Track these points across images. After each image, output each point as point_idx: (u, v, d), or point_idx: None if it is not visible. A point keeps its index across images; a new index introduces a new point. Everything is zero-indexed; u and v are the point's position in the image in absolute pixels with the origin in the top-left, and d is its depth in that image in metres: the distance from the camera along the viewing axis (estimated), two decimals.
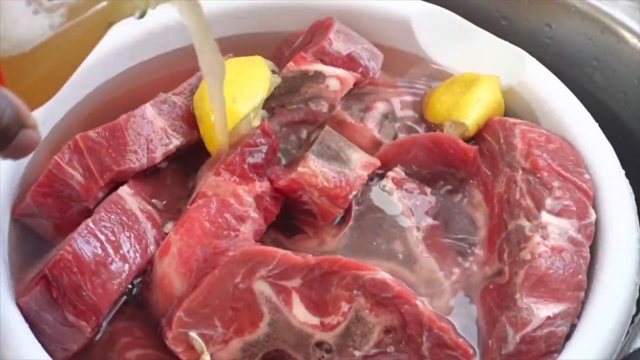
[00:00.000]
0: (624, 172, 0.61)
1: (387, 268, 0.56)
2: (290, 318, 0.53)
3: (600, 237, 0.57)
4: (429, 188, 0.62)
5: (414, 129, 0.67)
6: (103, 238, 0.55)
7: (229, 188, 0.58)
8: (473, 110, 0.64)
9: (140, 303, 0.57)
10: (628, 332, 0.54)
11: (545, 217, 0.56)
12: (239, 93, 0.61)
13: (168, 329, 0.53)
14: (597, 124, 0.64)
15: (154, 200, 0.60)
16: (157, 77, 0.71)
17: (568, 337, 0.53)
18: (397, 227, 0.59)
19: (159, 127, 0.61)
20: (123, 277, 0.55)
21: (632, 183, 0.61)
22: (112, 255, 0.55)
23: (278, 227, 0.60)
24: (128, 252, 0.56)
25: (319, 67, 0.66)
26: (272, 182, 0.59)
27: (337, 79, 0.65)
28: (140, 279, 0.57)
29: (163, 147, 0.61)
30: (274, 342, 0.54)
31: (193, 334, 0.53)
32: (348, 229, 0.59)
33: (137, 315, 0.56)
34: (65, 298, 0.53)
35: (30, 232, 0.60)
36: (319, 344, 0.54)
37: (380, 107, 0.66)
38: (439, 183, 0.63)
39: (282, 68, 0.67)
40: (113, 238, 0.55)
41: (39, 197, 0.58)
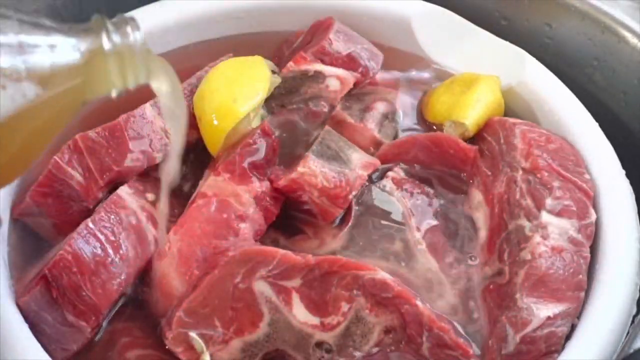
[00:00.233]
0: (624, 172, 0.61)
1: (387, 268, 0.56)
2: (290, 318, 0.53)
3: (600, 237, 0.57)
4: (429, 188, 0.62)
5: (414, 129, 0.67)
6: (103, 238, 0.55)
7: (229, 188, 0.58)
8: (473, 110, 0.64)
9: (140, 303, 0.57)
10: (628, 332, 0.54)
11: (546, 217, 0.56)
12: (239, 93, 0.61)
13: (168, 329, 0.53)
14: (597, 124, 0.64)
15: (154, 200, 0.60)
16: None
17: (568, 337, 0.53)
18: (397, 227, 0.59)
19: (159, 127, 0.61)
20: (123, 277, 0.55)
21: (632, 183, 0.61)
22: (112, 255, 0.55)
23: (278, 227, 0.60)
24: (128, 252, 0.56)
25: (319, 67, 0.66)
26: (272, 182, 0.59)
27: (337, 79, 0.65)
28: (141, 279, 0.57)
29: (163, 147, 0.61)
30: (274, 342, 0.54)
31: (193, 334, 0.53)
32: (348, 229, 0.59)
33: (137, 315, 0.56)
34: (65, 298, 0.53)
35: (30, 232, 0.60)
36: (319, 344, 0.54)
37: (380, 107, 0.66)
38: (439, 183, 0.63)
39: (282, 68, 0.67)
40: (113, 238, 0.55)
41: (39, 197, 0.58)
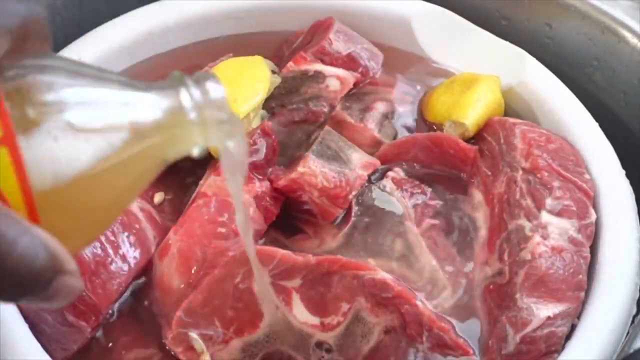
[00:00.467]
0: (624, 172, 0.61)
1: (387, 268, 0.56)
2: (290, 318, 0.53)
3: (601, 237, 0.57)
4: (429, 188, 0.62)
5: (414, 129, 0.67)
6: (103, 238, 0.55)
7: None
8: (473, 110, 0.64)
9: (140, 303, 0.57)
10: (628, 332, 0.54)
11: (546, 217, 0.56)
12: (239, 93, 0.61)
13: (168, 329, 0.53)
14: (597, 124, 0.64)
15: (161, 201, 0.60)
16: (157, 77, 0.71)
17: (568, 337, 0.53)
18: (397, 227, 0.59)
19: None
20: (123, 277, 0.55)
21: (632, 183, 0.61)
22: (112, 255, 0.55)
23: (278, 227, 0.60)
24: (128, 252, 0.56)
25: (319, 67, 0.66)
26: (272, 182, 0.59)
27: (337, 79, 0.65)
28: (141, 279, 0.57)
29: None
30: (274, 342, 0.54)
31: (193, 334, 0.53)
32: (348, 229, 0.59)
33: (137, 315, 0.56)
34: None
35: None
36: (319, 344, 0.54)
37: (380, 107, 0.66)
38: (439, 183, 0.63)
39: (282, 68, 0.67)
40: (113, 238, 0.55)
41: None
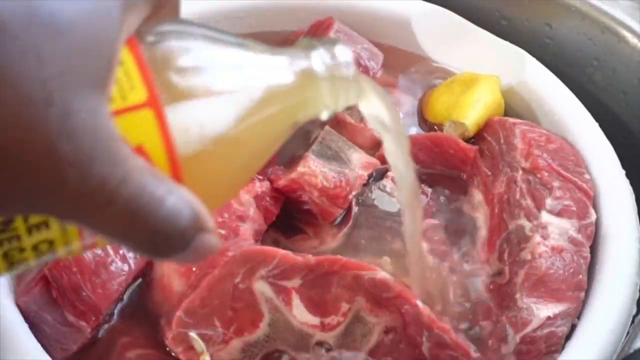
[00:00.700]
0: (624, 172, 0.61)
1: (387, 268, 0.56)
2: (290, 318, 0.53)
3: (600, 237, 0.57)
4: (429, 188, 0.62)
5: (414, 129, 0.67)
6: None
7: None
8: (473, 110, 0.64)
9: (140, 303, 0.57)
10: (628, 332, 0.54)
11: (546, 217, 0.56)
12: None
13: (168, 329, 0.53)
14: (597, 124, 0.64)
15: None
16: None
17: (568, 337, 0.53)
18: (397, 227, 0.59)
19: None
20: (123, 277, 0.55)
21: (632, 183, 0.61)
22: (112, 255, 0.55)
23: (278, 226, 0.60)
24: (128, 252, 0.56)
25: None
26: (272, 182, 0.59)
27: None
28: (141, 279, 0.57)
29: None
30: (274, 342, 0.54)
31: (193, 334, 0.53)
32: (348, 229, 0.59)
33: (137, 315, 0.56)
34: (65, 298, 0.53)
35: None
36: (319, 344, 0.54)
37: None
38: (439, 183, 0.63)
39: None
40: None
41: None
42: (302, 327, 0.53)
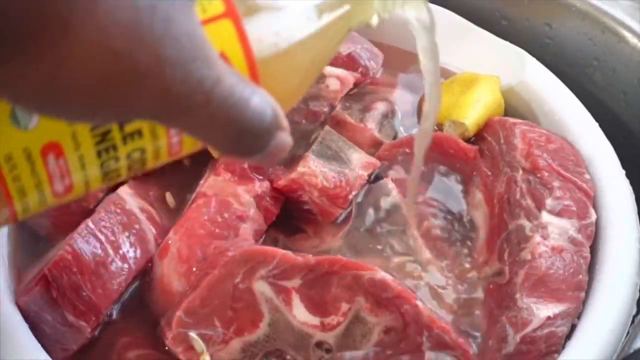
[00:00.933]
0: (624, 172, 0.61)
1: (387, 268, 0.56)
2: (290, 318, 0.53)
3: (600, 237, 0.57)
4: (429, 187, 0.62)
5: (414, 129, 0.67)
6: (103, 238, 0.55)
7: (229, 188, 0.58)
8: (473, 110, 0.64)
9: (140, 303, 0.57)
10: (628, 332, 0.54)
11: (546, 217, 0.56)
12: None
13: (168, 329, 0.53)
14: (597, 124, 0.64)
15: (154, 200, 0.60)
16: None
17: (568, 337, 0.53)
18: (397, 227, 0.59)
19: None
20: (123, 277, 0.55)
21: (632, 183, 0.61)
22: (112, 255, 0.55)
23: (278, 227, 0.60)
24: (128, 252, 0.56)
25: None
26: (272, 182, 0.59)
27: (337, 79, 0.65)
28: (140, 279, 0.57)
29: None
30: (274, 342, 0.54)
31: (193, 334, 0.53)
32: (348, 229, 0.59)
33: (137, 315, 0.56)
34: (65, 298, 0.53)
35: (30, 231, 0.60)
36: (319, 344, 0.54)
37: (380, 107, 0.66)
38: (439, 183, 0.63)
39: None
40: (113, 238, 0.55)
41: None
42: (302, 327, 0.53)
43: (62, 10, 0.27)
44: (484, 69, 0.68)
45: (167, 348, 0.54)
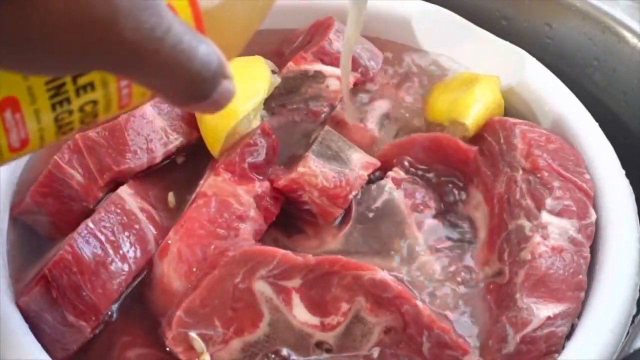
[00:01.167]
0: (624, 172, 0.61)
1: (387, 268, 0.56)
2: (290, 318, 0.53)
3: (600, 237, 0.57)
4: (429, 188, 0.62)
5: (414, 129, 0.67)
6: (103, 238, 0.55)
7: (229, 188, 0.58)
8: (473, 110, 0.64)
9: (140, 303, 0.57)
10: (628, 332, 0.54)
11: (546, 217, 0.56)
12: (239, 93, 0.61)
13: (168, 329, 0.53)
14: (597, 124, 0.64)
15: (154, 200, 0.60)
16: None
17: (568, 337, 0.53)
18: (397, 226, 0.59)
19: (159, 127, 0.61)
20: (123, 277, 0.55)
21: (632, 183, 0.61)
22: (112, 255, 0.55)
23: (278, 226, 0.60)
24: (128, 252, 0.56)
25: (319, 67, 0.66)
26: (272, 182, 0.59)
27: (337, 79, 0.65)
28: (140, 279, 0.57)
29: (163, 147, 0.61)
30: (274, 342, 0.54)
31: (193, 334, 0.53)
32: (348, 229, 0.59)
33: (137, 315, 0.56)
34: (65, 298, 0.53)
35: (30, 231, 0.60)
36: (319, 344, 0.54)
37: (380, 107, 0.66)
38: (439, 183, 0.63)
39: (282, 68, 0.67)
40: (113, 238, 0.55)
41: (39, 197, 0.58)
42: (302, 327, 0.53)
43: None
44: (484, 69, 0.68)
45: (167, 348, 0.54)
